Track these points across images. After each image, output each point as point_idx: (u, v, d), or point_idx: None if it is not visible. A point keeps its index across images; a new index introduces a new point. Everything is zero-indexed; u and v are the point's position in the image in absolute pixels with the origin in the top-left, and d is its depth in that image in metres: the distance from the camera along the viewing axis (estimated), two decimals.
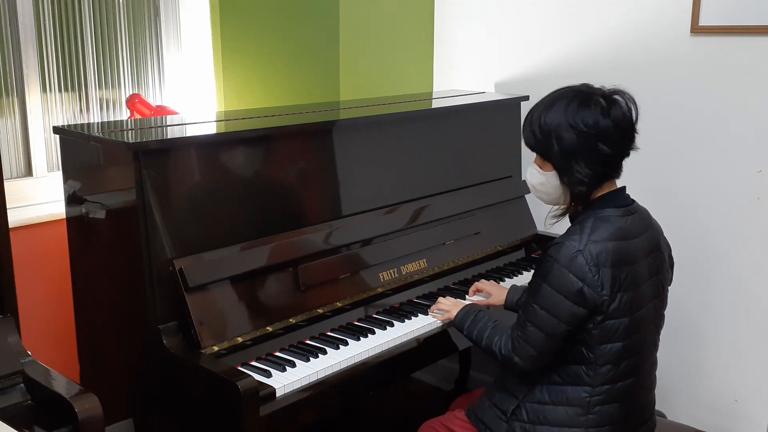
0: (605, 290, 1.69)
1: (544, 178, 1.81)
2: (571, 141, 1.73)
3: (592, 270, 1.68)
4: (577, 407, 1.77)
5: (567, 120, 1.74)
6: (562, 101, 1.77)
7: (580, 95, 1.78)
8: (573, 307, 1.69)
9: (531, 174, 1.85)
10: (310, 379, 1.87)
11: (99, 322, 2.12)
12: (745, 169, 2.45)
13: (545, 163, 1.80)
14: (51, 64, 2.70)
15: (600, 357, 1.74)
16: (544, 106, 1.80)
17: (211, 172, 2.00)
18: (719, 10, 2.42)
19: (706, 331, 2.59)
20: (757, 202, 2.44)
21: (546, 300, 1.72)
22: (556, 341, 1.74)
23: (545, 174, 1.81)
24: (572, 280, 1.68)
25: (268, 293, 2.03)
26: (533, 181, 1.85)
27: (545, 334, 1.73)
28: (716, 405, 2.62)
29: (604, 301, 1.69)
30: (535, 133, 1.79)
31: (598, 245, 1.70)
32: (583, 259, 1.68)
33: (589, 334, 1.73)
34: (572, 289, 1.68)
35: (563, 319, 1.70)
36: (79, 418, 1.61)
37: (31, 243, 2.42)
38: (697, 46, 2.50)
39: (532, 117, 1.81)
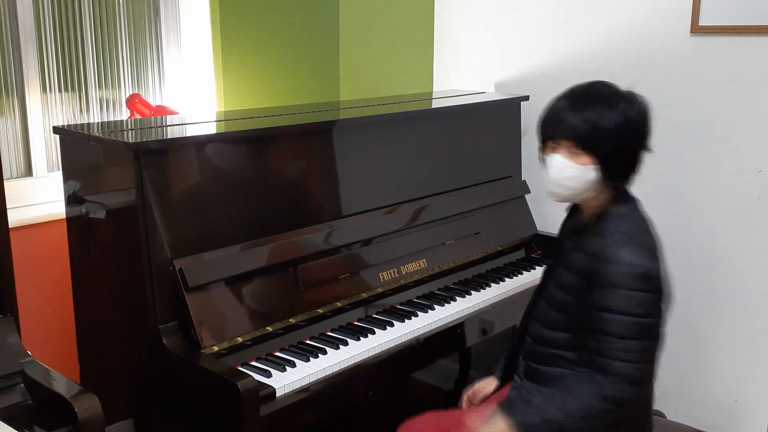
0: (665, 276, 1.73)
1: (577, 172, 1.72)
2: (624, 134, 1.70)
3: (659, 269, 1.71)
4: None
5: (622, 113, 1.70)
6: (606, 93, 1.74)
7: (618, 90, 1.76)
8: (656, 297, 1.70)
9: (557, 167, 1.73)
10: (310, 379, 1.87)
11: (99, 322, 2.12)
12: (745, 169, 2.45)
13: (581, 155, 1.71)
14: (51, 64, 2.70)
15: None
16: (588, 97, 1.73)
17: (211, 172, 2.00)
18: (719, 10, 2.42)
19: (706, 331, 2.59)
20: (757, 202, 2.44)
21: (642, 308, 1.66)
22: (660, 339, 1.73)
23: (579, 167, 1.71)
24: (647, 287, 1.67)
25: (268, 293, 2.03)
26: (561, 174, 1.73)
27: (656, 342, 1.70)
28: (716, 405, 2.62)
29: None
30: (585, 122, 1.69)
31: (649, 250, 1.70)
32: (651, 270, 1.68)
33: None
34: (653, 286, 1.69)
35: (658, 314, 1.70)
36: (79, 418, 1.61)
37: (31, 243, 2.42)
38: (697, 46, 2.50)
39: (578, 107, 1.71)
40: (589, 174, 1.71)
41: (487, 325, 2.40)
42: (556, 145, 1.74)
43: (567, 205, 1.93)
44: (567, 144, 1.72)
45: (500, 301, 2.42)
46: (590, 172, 1.71)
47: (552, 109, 1.77)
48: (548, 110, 1.78)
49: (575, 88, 1.78)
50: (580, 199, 1.78)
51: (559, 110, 1.74)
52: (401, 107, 2.59)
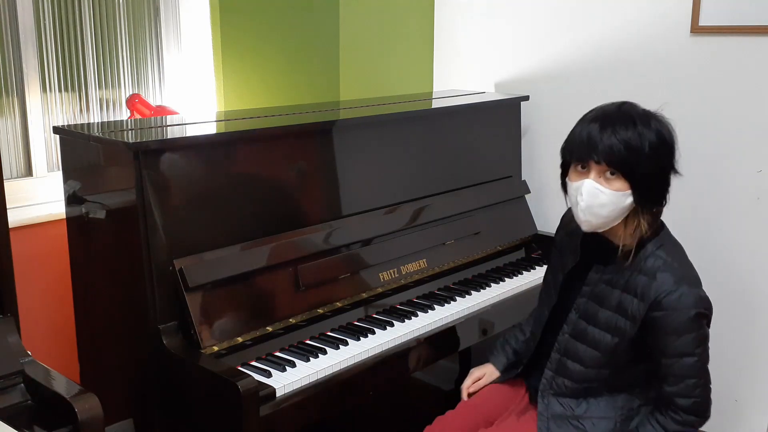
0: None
1: (612, 198, 1.64)
2: (660, 154, 1.65)
3: (708, 299, 1.73)
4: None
5: (657, 132, 1.66)
6: (637, 113, 1.68)
7: (646, 110, 1.71)
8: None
9: (590, 193, 1.64)
10: (310, 379, 1.87)
11: (99, 322, 2.12)
12: (745, 169, 2.45)
13: (614, 179, 1.63)
14: (51, 64, 2.70)
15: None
16: (621, 118, 1.65)
17: (211, 172, 2.00)
18: (719, 10, 2.42)
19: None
20: (757, 202, 2.44)
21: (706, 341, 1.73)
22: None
23: (613, 193, 1.64)
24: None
25: (268, 293, 2.03)
26: (595, 201, 1.64)
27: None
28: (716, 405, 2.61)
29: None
30: (621, 142, 1.61)
31: (697, 281, 1.71)
32: (706, 304, 1.70)
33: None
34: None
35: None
36: (79, 418, 1.61)
37: (31, 243, 2.42)
38: (697, 46, 2.50)
39: (612, 128, 1.63)
40: (624, 200, 1.65)
41: (487, 325, 2.40)
42: (585, 170, 1.66)
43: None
44: (599, 168, 1.64)
45: (500, 301, 2.42)
46: (626, 197, 1.65)
47: (581, 132, 1.67)
48: (577, 133, 1.68)
49: (604, 108, 1.70)
50: (611, 227, 1.70)
51: (590, 132, 1.65)
52: (401, 107, 2.59)
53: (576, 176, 1.68)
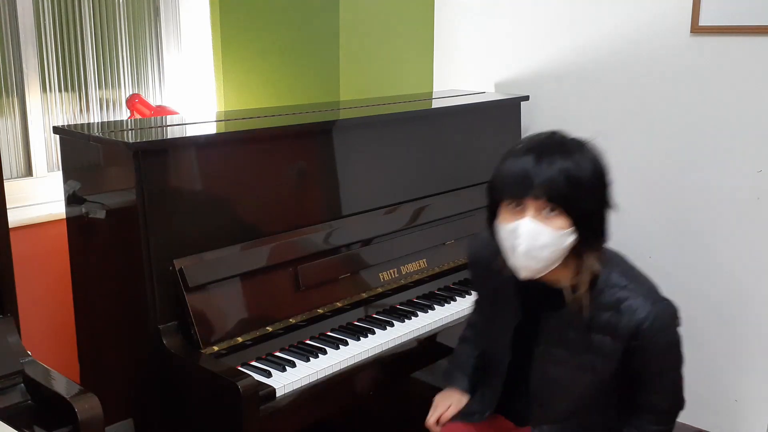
0: None
1: (555, 238, 1.47)
2: (600, 184, 1.50)
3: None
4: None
5: (594, 161, 1.50)
6: (571, 142, 1.52)
7: (577, 138, 1.54)
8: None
9: (531, 234, 1.46)
10: (310, 379, 1.87)
11: (99, 322, 2.12)
12: (745, 169, 2.45)
13: (554, 217, 1.47)
14: (51, 64, 2.70)
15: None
16: (555, 147, 1.49)
17: (211, 172, 2.00)
18: (719, 10, 2.42)
19: (705, 331, 2.59)
20: (757, 202, 2.44)
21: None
22: None
23: (555, 233, 1.47)
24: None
25: (268, 293, 2.03)
26: (536, 242, 1.47)
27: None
28: (716, 405, 2.62)
29: None
30: (561, 173, 1.45)
31: (658, 291, 1.59)
32: (677, 312, 1.58)
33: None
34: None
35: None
36: (79, 418, 1.61)
37: (31, 243, 2.42)
38: (697, 46, 2.50)
39: (548, 159, 1.47)
40: (565, 240, 1.48)
41: None
42: (520, 208, 1.48)
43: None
44: (537, 205, 1.46)
45: None
46: (567, 237, 1.48)
47: (513, 166, 1.50)
48: (508, 168, 1.51)
49: (533, 139, 1.54)
50: (551, 271, 1.53)
51: (525, 165, 1.47)
52: (401, 107, 2.59)
53: (509, 216, 1.50)
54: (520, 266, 1.51)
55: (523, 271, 1.51)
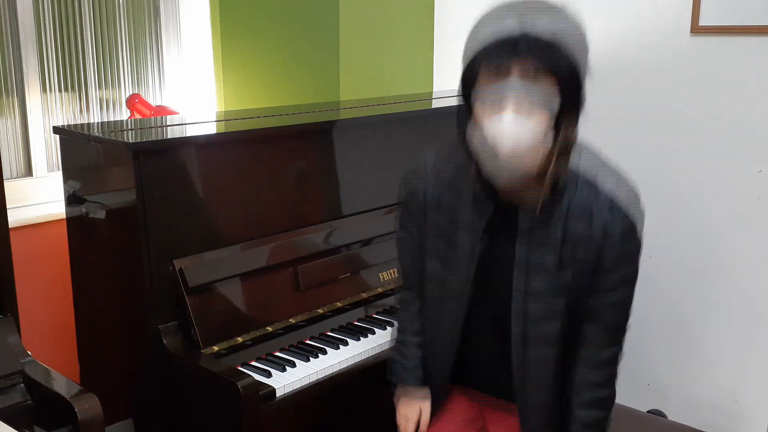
0: None
1: (539, 133, 1.35)
2: (586, 48, 1.38)
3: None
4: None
5: (578, 23, 1.36)
6: (553, 4, 1.37)
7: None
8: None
9: (517, 127, 1.34)
10: (310, 379, 1.87)
11: (99, 322, 2.12)
12: (745, 169, 2.45)
13: (539, 110, 1.35)
14: (51, 64, 2.70)
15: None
16: (540, 8, 1.34)
17: (211, 172, 2.00)
18: (719, 10, 2.42)
19: (706, 331, 2.59)
20: (757, 202, 2.44)
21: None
22: None
23: (539, 127, 1.35)
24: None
25: (268, 293, 2.03)
26: (524, 135, 1.34)
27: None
28: (716, 405, 2.62)
29: None
30: (554, 35, 1.32)
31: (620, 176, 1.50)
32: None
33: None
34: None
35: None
36: (79, 418, 1.61)
37: (31, 243, 2.42)
38: (697, 46, 2.50)
39: (540, 20, 1.32)
40: (547, 135, 1.38)
41: None
42: (504, 73, 1.37)
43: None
44: (523, 67, 1.33)
45: None
46: (547, 131, 1.37)
47: (493, 27, 1.38)
48: (487, 30, 1.39)
49: (504, 3, 1.39)
50: (537, 170, 1.41)
51: (505, 25, 1.35)
52: (401, 107, 2.59)
53: (487, 114, 1.40)
54: (503, 165, 1.38)
55: (506, 146, 1.37)
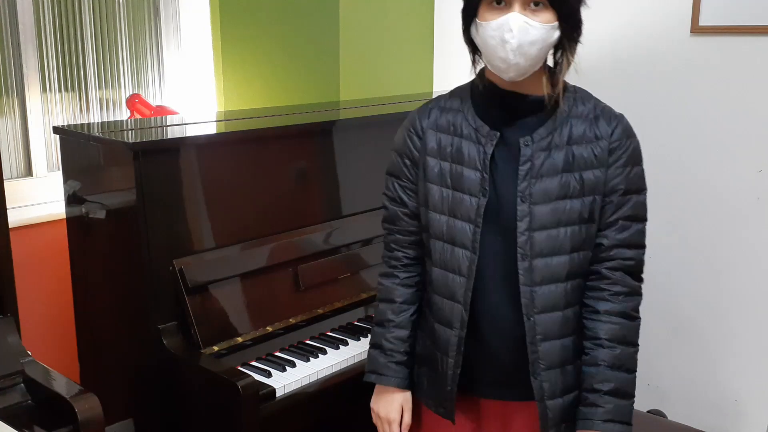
0: None
1: (543, 32, 1.38)
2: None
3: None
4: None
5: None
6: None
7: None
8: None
9: (522, 28, 1.36)
10: (310, 379, 1.87)
11: (99, 322, 2.12)
12: (745, 169, 2.45)
13: (542, 11, 1.38)
14: (51, 64, 2.70)
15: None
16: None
17: (211, 172, 2.00)
18: (719, 10, 2.42)
19: (706, 331, 2.59)
20: (757, 202, 2.44)
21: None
22: None
23: (544, 26, 1.38)
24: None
25: (268, 293, 2.03)
26: (527, 37, 1.37)
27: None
28: (716, 405, 2.62)
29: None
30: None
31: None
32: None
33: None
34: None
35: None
36: (79, 418, 1.61)
37: (31, 243, 2.42)
38: (697, 46, 2.50)
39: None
40: (552, 34, 1.39)
41: None
42: (502, 5, 1.40)
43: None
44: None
45: None
46: (554, 31, 1.39)
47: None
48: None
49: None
50: (532, 76, 1.44)
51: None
52: (401, 107, 2.58)
53: (493, 14, 1.41)
54: (511, 63, 1.39)
55: (512, 69, 1.40)
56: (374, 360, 1.64)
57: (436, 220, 1.53)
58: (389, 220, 1.66)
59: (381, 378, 1.62)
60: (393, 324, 1.62)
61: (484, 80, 1.52)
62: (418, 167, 1.58)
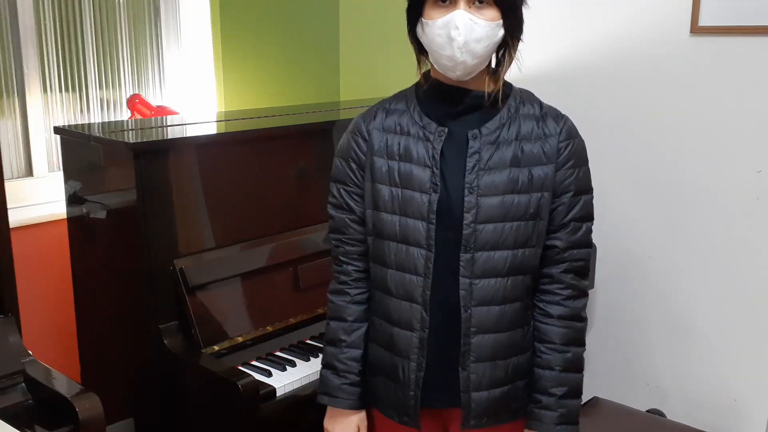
0: None
1: (489, 30, 1.40)
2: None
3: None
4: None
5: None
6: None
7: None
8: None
9: (467, 25, 1.37)
10: (310, 378, 1.87)
11: (100, 321, 2.12)
12: (745, 169, 2.45)
13: (486, 8, 1.40)
14: (51, 64, 2.70)
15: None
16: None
17: (211, 172, 2.00)
18: (719, 10, 2.42)
19: (705, 330, 2.59)
20: (757, 202, 2.45)
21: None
22: None
23: (489, 24, 1.40)
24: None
25: (268, 293, 2.03)
26: (472, 35, 1.38)
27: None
28: (716, 405, 2.62)
29: None
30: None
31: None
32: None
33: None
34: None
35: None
36: (79, 417, 1.61)
37: (32, 243, 2.42)
38: (697, 46, 2.50)
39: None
40: (497, 32, 1.42)
41: None
42: (447, 2, 1.39)
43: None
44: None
45: None
46: (498, 29, 1.42)
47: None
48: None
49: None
50: (473, 78, 1.46)
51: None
52: None
53: (438, 12, 1.40)
54: (458, 61, 1.39)
55: (459, 67, 1.40)
56: (328, 381, 1.56)
57: (388, 220, 1.49)
58: (336, 229, 1.59)
59: (335, 400, 1.55)
60: (345, 344, 1.55)
61: (430, 80, 1.51)
62: (365, 170, 1.54)
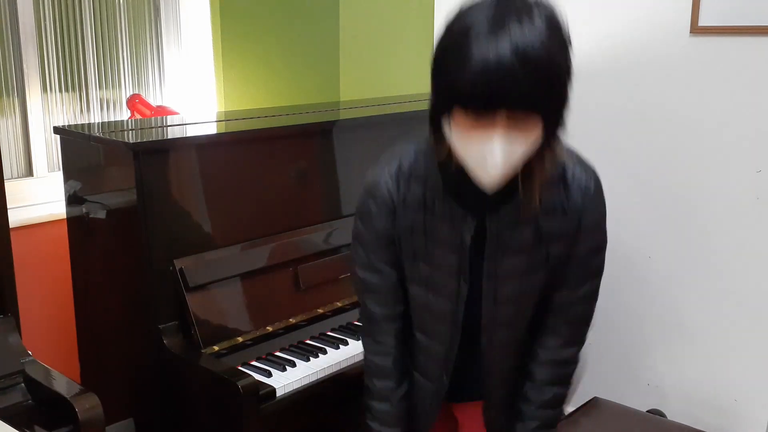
0: None
1: (531, 147, 1.22)
2: (571, 79, 1.24)
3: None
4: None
5: (568, 52, 1.26)
6: (532, 7, 1.26)
7: (549, 17, 1.30)
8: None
9: (507, 152, 1.18)
10: (310, 378, 1.87)
11: (99, 321, 2.12)
12: (745, 169, 2.45)
13: (530, 124, 1.19)
14: (51, 63, 2.70)
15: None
16: (537, 40, 1.18)
17: (212, 172, 2.00)
18: (719, 10, 2.42)
19: (705, 330, 2.59)
20: (757, 202, 2.44)
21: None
22: None
23: (530, 141, 1.21)
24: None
25: (268, 293, 2.03)
26: (514, 157, 1.20)
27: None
28: (716, 405, 2.62)
29: None
30: (550, 82, 1.17)
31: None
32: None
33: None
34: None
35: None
36: (79, 417, 1.61)
37: (32, 243, 2.42)
38: (697, 46, 2.50)
39: (537, 64, 1.14)
40: (537, 144, 1.23)
41: None
42: (489, 119, 1.18)
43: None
44: (511, 116, 1.17)
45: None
46: (539, 141, 1.23)
47: (482, 66, 1.13)
48: (475, 67, 1.14)
49: (495, 14, 1.19)
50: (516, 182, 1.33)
51: (498, 68, 1.12)
52: (401, 107, 2.59)
53: (471, 129, 1.20)
54: (493, 179, 1.23)
55: (492, 183, 1.25)
56: (380, 413, 1.61)
57: (416, 293, 1.51)
58: (371, 289, 1.52)
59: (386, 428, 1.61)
60: (391, 405, 1.59)
61: (455, 162, 1.32)
62: (395, 244, 1.49)
